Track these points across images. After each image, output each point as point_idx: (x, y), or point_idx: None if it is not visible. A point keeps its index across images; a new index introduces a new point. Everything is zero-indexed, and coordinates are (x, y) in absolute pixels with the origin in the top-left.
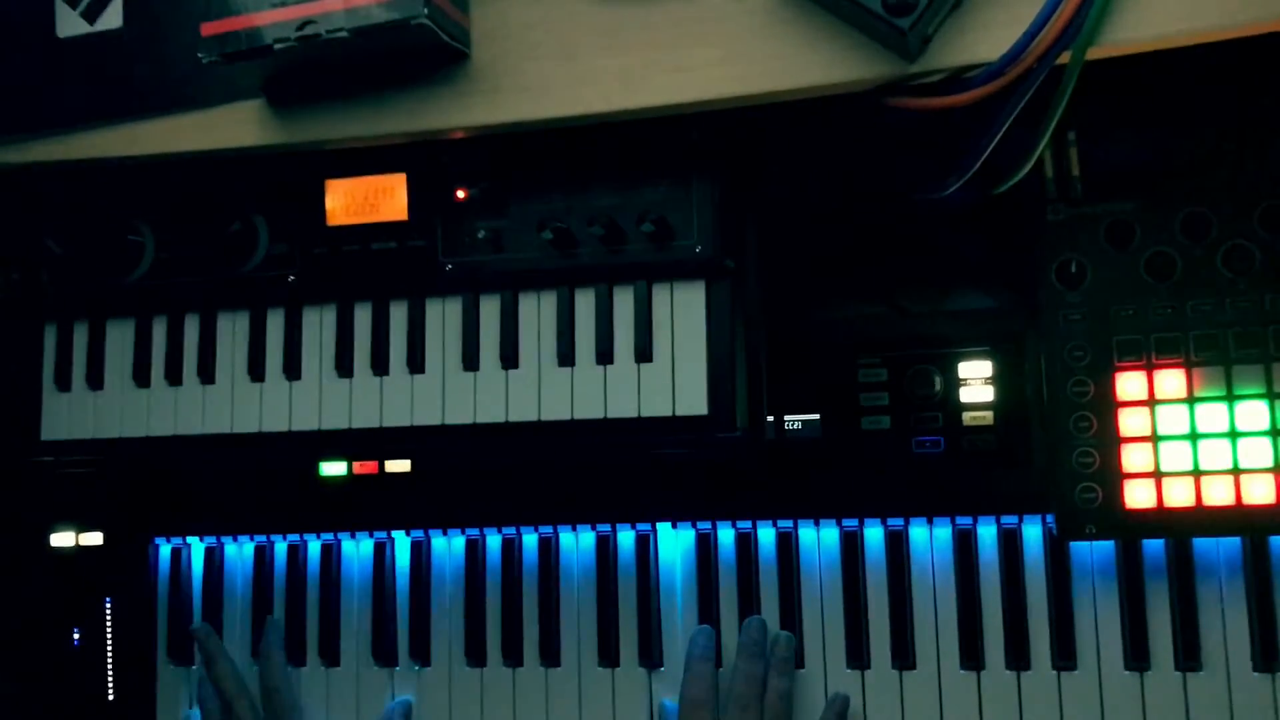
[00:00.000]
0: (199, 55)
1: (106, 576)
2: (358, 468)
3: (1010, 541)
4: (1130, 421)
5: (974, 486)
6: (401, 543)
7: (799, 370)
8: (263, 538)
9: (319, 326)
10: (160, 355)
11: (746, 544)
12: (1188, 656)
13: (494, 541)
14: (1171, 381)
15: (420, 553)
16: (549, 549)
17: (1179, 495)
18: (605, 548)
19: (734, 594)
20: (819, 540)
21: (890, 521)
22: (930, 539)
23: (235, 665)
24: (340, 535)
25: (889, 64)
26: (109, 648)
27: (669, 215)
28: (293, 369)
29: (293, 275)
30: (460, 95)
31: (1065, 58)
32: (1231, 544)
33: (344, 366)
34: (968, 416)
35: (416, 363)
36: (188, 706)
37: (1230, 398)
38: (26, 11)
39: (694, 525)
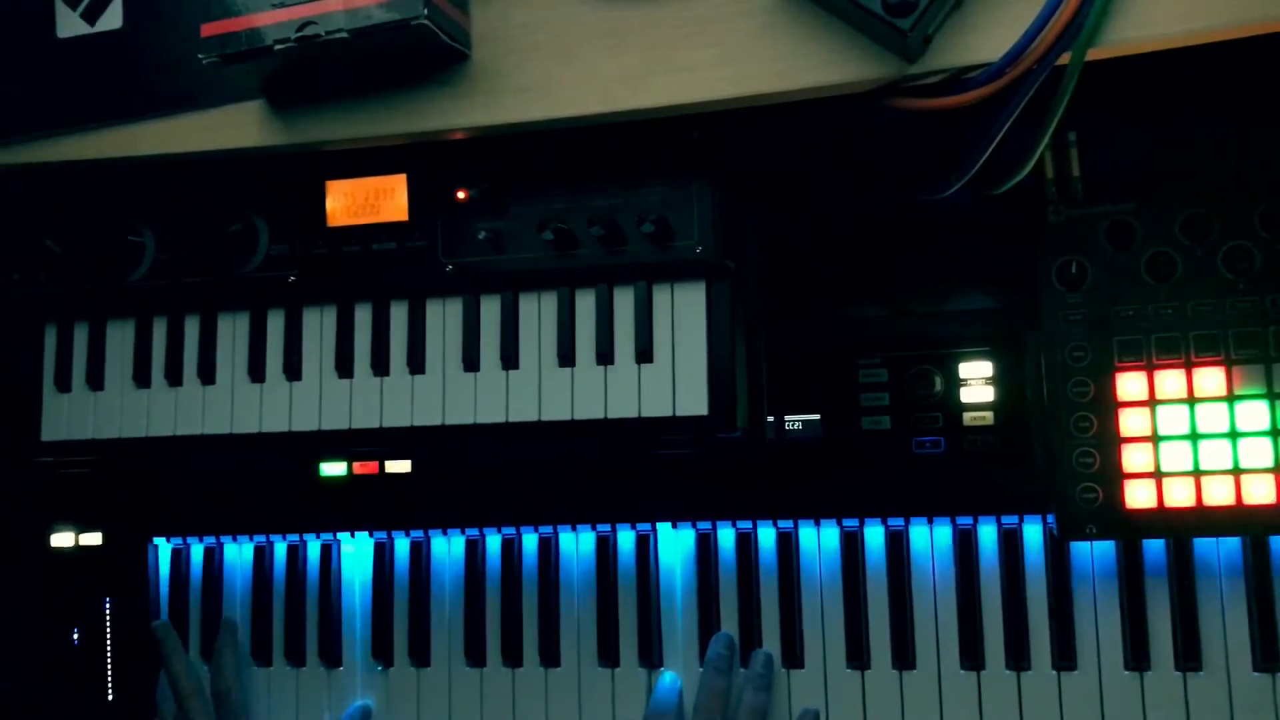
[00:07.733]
0: (199, 56)
1: (106, 576)
2: (358, 468)
3: (1010, 541)
4: (1131, 422)
5: (974, 486)
6: (401, 543)
7: (799, 370)
8: (262, 538)
9: (319, 327)
10: (160, 356)
11: (746, 544)
12: (1188, 656)
13: (494, 541)
14: (1172, 382)
15: (420, 553)
16: (549, 549)
17: (1179, 495)
18: (605, 548)
19: (734, 594)
20: (819, 540)
21: (890, 521)
22: (930, 539)
23: (191, 665)
24: (340, 535)
25: (889, 64)
26: (109, 647)
27: (669, 215)
28: (293, 369)
29: (293, 276)
30: (460, 96)
31: (1065, 58)
32: (1231, 544)
33: (344, 367)
34: (968, 417)
35: (417, 363)
36: None
37: (1231, 398)
38: (26, 11)
39: (694, 525)
